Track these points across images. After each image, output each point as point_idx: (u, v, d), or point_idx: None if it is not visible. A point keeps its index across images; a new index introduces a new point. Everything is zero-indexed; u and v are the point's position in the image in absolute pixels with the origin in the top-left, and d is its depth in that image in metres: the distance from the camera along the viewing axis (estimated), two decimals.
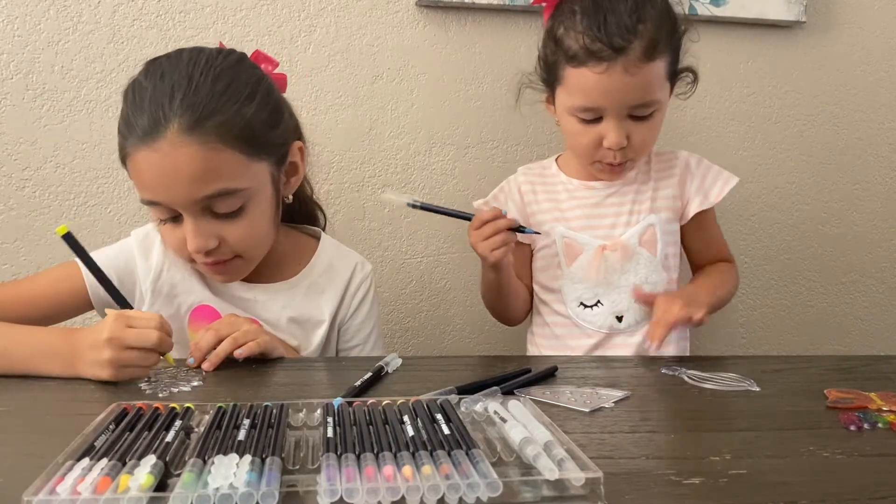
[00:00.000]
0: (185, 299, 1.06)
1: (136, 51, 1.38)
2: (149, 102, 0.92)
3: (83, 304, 1.05)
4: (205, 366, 0.92)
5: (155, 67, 0.96)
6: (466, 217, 1.13)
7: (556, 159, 1.29)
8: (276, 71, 1.08)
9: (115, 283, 0.98)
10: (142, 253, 1.06)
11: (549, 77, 1.18)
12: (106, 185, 1.40)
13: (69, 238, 0.92)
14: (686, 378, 0.93)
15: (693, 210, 1.22)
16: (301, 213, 1.19)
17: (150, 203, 0.96)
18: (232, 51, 1.02)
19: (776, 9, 1.51)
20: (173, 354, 0.91)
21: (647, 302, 1.08)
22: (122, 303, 0.94)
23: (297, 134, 1.09)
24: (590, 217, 1.21)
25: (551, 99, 1.20)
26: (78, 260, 1.03)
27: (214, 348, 0.93)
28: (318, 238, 1.16)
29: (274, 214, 1.04)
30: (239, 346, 0.93)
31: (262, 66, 1.05)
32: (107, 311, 0.90)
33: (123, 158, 0.96)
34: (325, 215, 1.25)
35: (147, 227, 1.09)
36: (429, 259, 1.53)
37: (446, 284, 1.55)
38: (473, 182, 1.52)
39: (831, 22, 1.58)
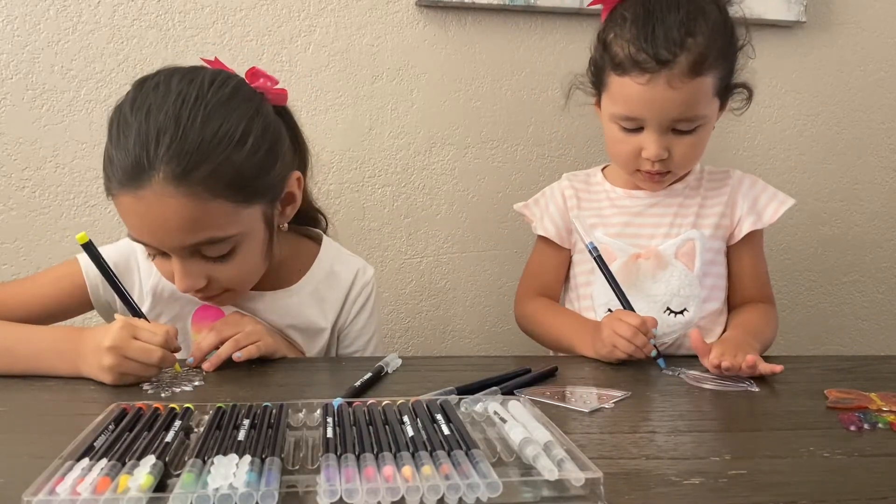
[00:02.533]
0: (188, 302, 1.05)
1: (136, 51, 1.38)
2: (133, 144, 0.86)
3: (84, 303, 1.05)
4: (205, 366, 0.92)
5: (142, 99, 0.89)
6: (624, 301, 1.05)
7: (603, 169, 1.27)
8: (276, 87, 1.01)
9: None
10: (144, 255, 1.05)
11: (596, 81, 1.17)
12: None
13: (89, 246, 0.92)
14: (686, 378, 0.93)
15: (745, 229, 1.17)
16: (301, 220, 1.16)
17: (137, 241, 0.94)
18: (226, 79, 0.93)
19: (776, 9, 1.51)
20: (178, 354, 0.91)
21: (700, 349, 0.98)
22: (134, 311, 0.94)
23: (295, 164, 1.03)
24: (629, 225, 1.19)
25: (598, 103, 1.19)
26: (80, 259, 1.03)
27: (216, 348, 0.93)
28: (319, 241, 1.14)
29: (266, 247, 1.00)
30: (240, 349, 0.93)
31: (261, 82, 0.98)
32: (116, 316, 0.90)
33: (108, 193, 0.92)
34: (326, 218, 1.23)
35: None
36: (429, 259, 1.53)
37: (446, 284, 1.55)
38: (473, 182, 1.52)
39: (831, 22, 1.58)
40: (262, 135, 0.92)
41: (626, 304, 1.05)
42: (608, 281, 1.07)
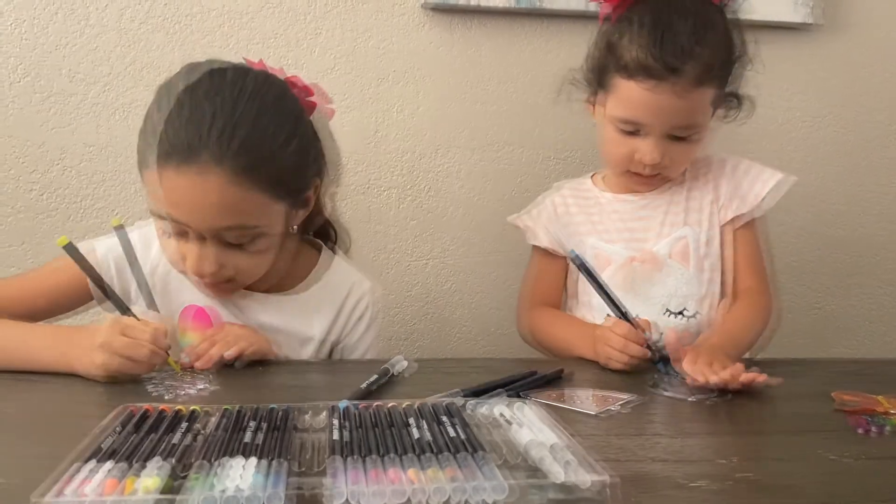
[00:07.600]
0: (178, 297, 1.06)
1: (144, 54, 1.39)
2: (187, 121, 0.89)
3: (84, 295, 1.04)
4: (198, 364, 0.93)
5: (197, 81, 0.92)
6: (618, 308, 1.01)
7: (592, 176, 1.27)
8: (309, 98, 1.04)
9: (114, 271, 1.02)
10: (142, 246, 1.06)
11: (596, 79, 1.16)
12: (113, 188, 1.40)
13: (70, 248, 0.93)
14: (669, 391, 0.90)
15: (728, 215, 1.16)
16: (314, 231, 1.17)
17: (161, 217, 0.95)
18: (276, 81, 0.99)
19: (783, 11, 1.51)
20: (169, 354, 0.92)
21: (674, 352, 0.95)
22: (123, 309, 0.94)
23: (319, 169, 1.05)
24: (621, 231, 1.18)
25: (592, 99, 1.18)
26: (80, 249, 1.03)
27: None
28: (319, 250, 1.14)
29: (278, 246, 1.02)
30: (230, 349, 0.94)
31: (297, 90, 1.02)
32: (107, 315, 0.91)
33: (142, 164, 0.94)
34: (336, 233, 1.21)
35: (150, 220, 1.09)
36: (434, 261, 1.53)
37: (452, 287, 1.54)
38: (479, 184, 1.52)
39: (838, 24, 1.58)
40: (303, 139, 0.98)
41: (617, 311, 1.01)
42: (595, 289, 1.03)
